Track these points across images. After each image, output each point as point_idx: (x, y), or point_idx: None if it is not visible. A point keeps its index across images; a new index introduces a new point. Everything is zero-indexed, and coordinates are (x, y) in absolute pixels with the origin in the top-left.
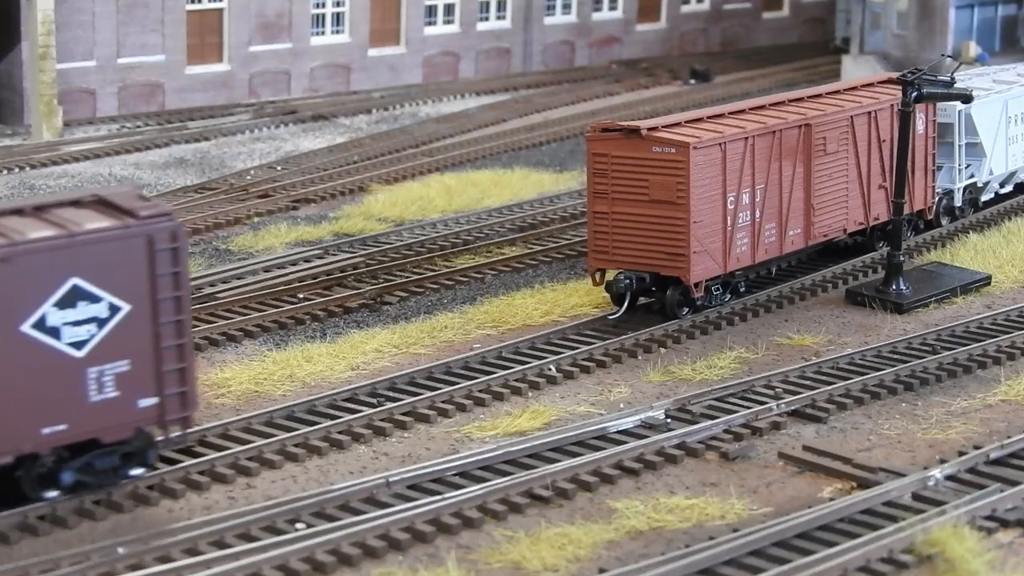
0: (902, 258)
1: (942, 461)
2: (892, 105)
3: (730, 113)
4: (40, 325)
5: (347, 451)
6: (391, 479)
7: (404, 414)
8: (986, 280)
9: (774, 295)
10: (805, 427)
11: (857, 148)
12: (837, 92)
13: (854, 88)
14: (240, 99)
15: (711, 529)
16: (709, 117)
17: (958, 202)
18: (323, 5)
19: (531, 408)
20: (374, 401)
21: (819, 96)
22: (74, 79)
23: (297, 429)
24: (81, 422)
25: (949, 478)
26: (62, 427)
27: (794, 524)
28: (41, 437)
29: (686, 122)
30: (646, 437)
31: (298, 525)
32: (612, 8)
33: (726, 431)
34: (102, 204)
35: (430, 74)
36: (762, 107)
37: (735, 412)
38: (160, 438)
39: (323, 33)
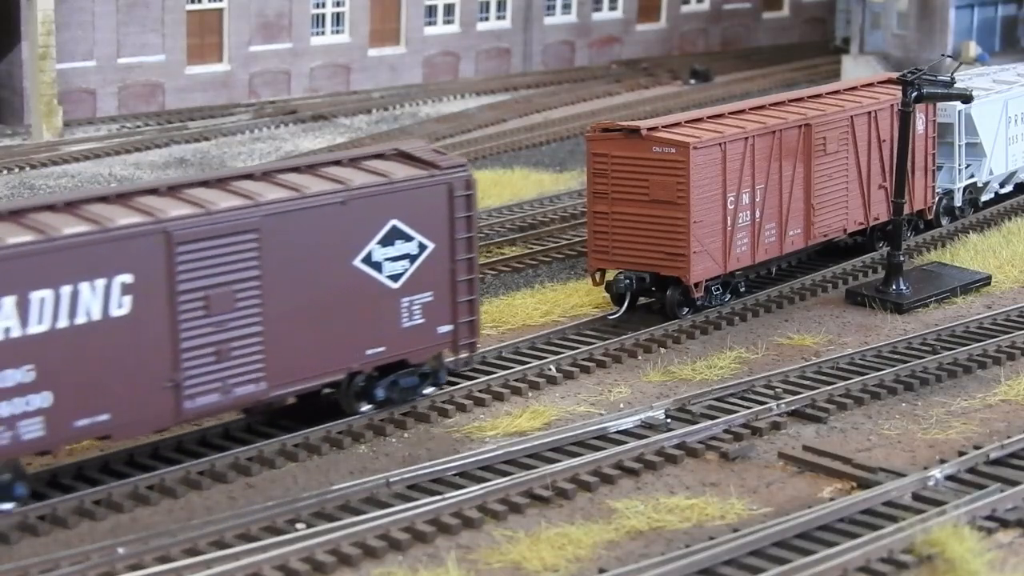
0: (902, 258)
1: (942, 461)
2: (892, 105)
3: (730, 113)
4: (367, 260)
5: (347, 451)
6: (391, 479)
7: (404, 414)
8: (986, 280)
9: (774, 295)
10: (805, 427)
11: (857, 148)
12: (837, 92)
13: (854, 88)
14: (240, 99)
15: (711, 529)
16: (709, 117)
17: (958, 202)
18: (323, 5)
19: (531, 408)
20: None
21: (819, 96)
22: (74, 79)
23: (297, 429)
24: (395, 345)
25: (949, 478)
26: (381, 349)
27: (794, 524)
28: (365, 357)
29: (686, 122)
30: (646, 437)
31: (298, 525)
32: (612, 8)
33: (726, 431)
34: (403, 156)
35: (430, 74)
36: (762, 107)
37: (735, 412)
38: (450, 360)
39: (323, 33)
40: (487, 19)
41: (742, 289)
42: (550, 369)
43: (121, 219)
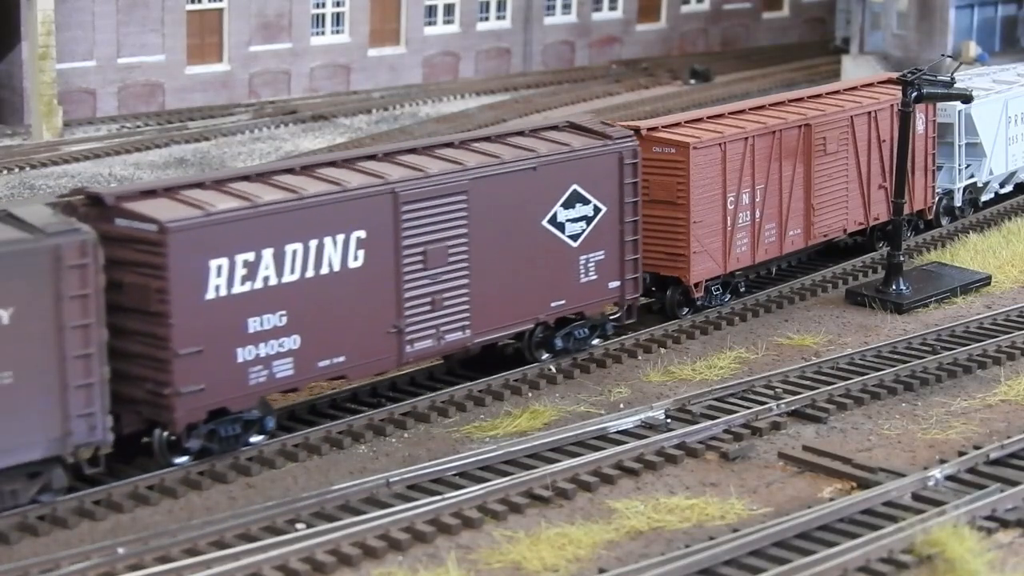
0: (902, 258)
1: (942, 461)
2: (892, 105)
3: (730, 113)
4: (552, 220)
5: (347, 451)
6: (391, 479)
7: (404, 414)
8: (986, 280)
9: (774, 295)
10: (805, 427)
11: (857, 148)
12: (837, 92)
13: (854, 88)
14: (240, 99)
15: (711, 529)
16: (709, 117)
17: (958, 202)
18: (323, 5)
19: (531, 408)
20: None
21: (819, 96)
22: (74, 79)
23: (297, 429)
24: (574, 298)
25: (949, 478)
26: (563, 302)
27: (794, 524)
28: (550, 309)
29: (686, 122)
30: (646, 437)
31: (298, 525)
32: (612, 8)
33: (726, 431)
34: (575, 127)
35: (430, 74)
36: (762, 107)
37: (735, 412)
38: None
39: (323, 33)
40: (487, 19)
41: (742, 289)
42: (550, 369)
43: (355, 181)
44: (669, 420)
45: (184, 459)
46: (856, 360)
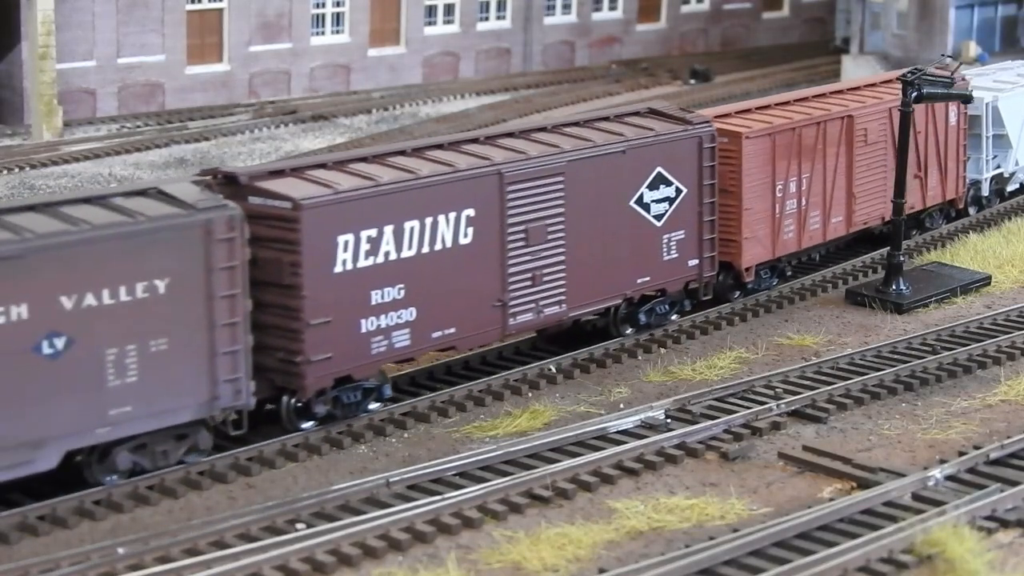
0: (902, 258)
1: (942, 461)
2: None
3: (776, 104)
4: (639, 201)
5: (347, 451)
6: (391, 479)
7: (404, 414)
8: (986, 280)
9: (774, 295)
10: (805, 427)
11: (894, 139)
12: (875, 85)
13: (889, 81)
14: (240, 99)
15: (711, 529)
16: (757, 108)
17: (985, 192)
18: (323, 5)
19: (531, 408)
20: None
21: (858, 89)
22: (74, 79)
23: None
24: (658, 275)
25: (949, 478)
26: (647, 278)
27: (794, 524)
28: (636, 285)
29: (736, 113)
30: (646, 437)
31: (298, 525)
32: (612, 8)
33: (726, 431)
34: (655, 113)
35: (430, 74)
36: (805, 99)
37: (735, 412)
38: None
39: (323, 33)
40: (487, 19)
41: (788, 273)
42: (550, 369)
43: (463, 163)
44: (669, 420)
45: (310, 424)
46: (856, 360)
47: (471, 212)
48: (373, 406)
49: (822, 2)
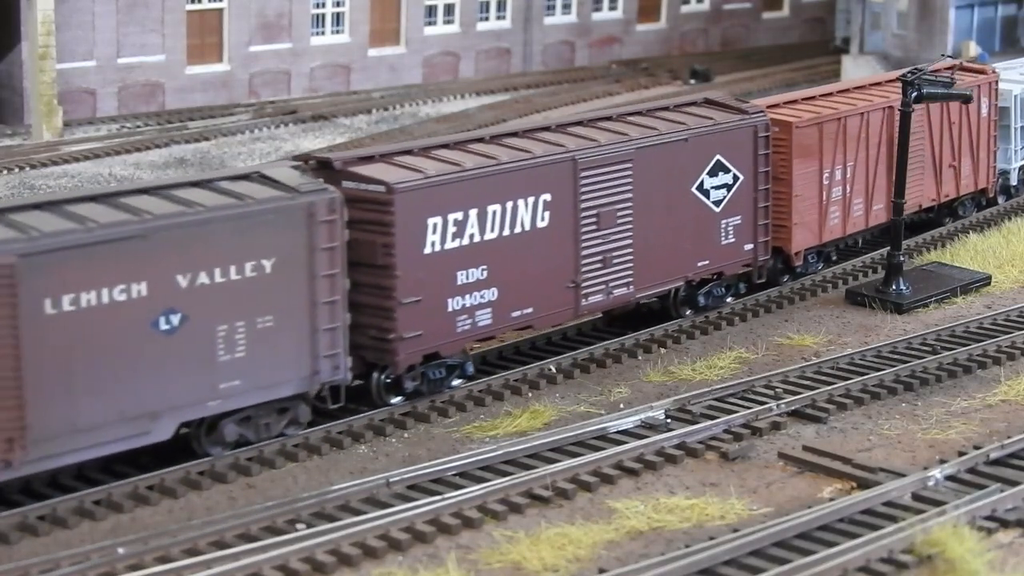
0: (902, 258)
1: (942, 461)
2: None
3: (820, 95)
4: (700, 187)
5: (347, 451)
6: (391, 479)
7: (404, 414)
8: (986, 280)
9: (774, 295)
10: (805, 427)
11: (931, 130)
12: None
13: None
14: (240, 99)
15: (711, 529)
16: (803, 99)
17: (1013, 181)
18: (323, 5)
19: (531, 408)
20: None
21: (896, 81)
22: (74, 79)
23: (297, 429)
24: (717, 259)
25: (949, 478)
26: (707, 262)
27: (794, 524)
28: (696, 268)
29: (784, 103)
30: (646, 437)
31: (298, 525)
32: (612, 8)
33: (726, 431)
34: (711, 103)
35: (430, 74)
36: (847, 90)
37: (735, 412)
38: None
39: (323, 33)
40: (487, 19)
41: (834, 258)
42: (550, 369)
43: (538, 150)
44: (669, 420)
45: (398, 399)
46: (856, 360)
47: (548, 197)
48: (456, 382)
49: (822, 2)
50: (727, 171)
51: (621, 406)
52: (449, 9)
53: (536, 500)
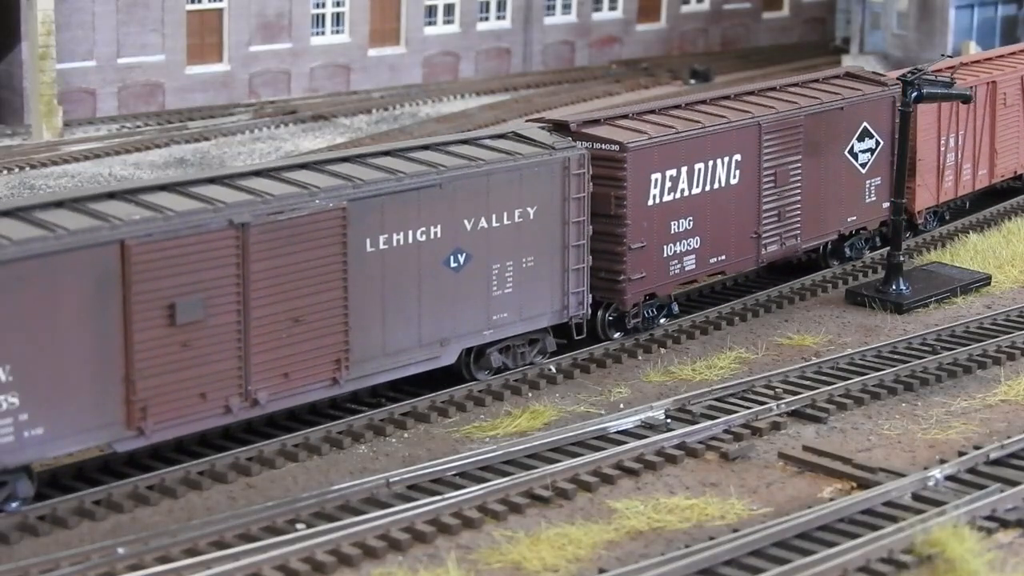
0: (902, 258)
1: (942, 461)
2: None
3: (935, 71)
4: (851, 151)
5: (347, 451)
6: (391, 479)
7: (404, 414)
8: (986, 280)
9: (774, 295)
10: (805, 427)
11: None
12: (1003, 56)
13: (1014, 53)
14: (240, 99)
15: (711, 529)
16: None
17: None
18: (323, 5)
19: (531, 408)
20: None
21: (991, 59)
22: (74, 79)
23: (298, 429)
24: (862, 215)
25: (949, 478)
26: (855, 218)
27: (794, 524)
28: (847, 223)
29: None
30: (646, 437)
31: (298, 525)
32: (612, 8)
33: (726, 431)
34: (853, 76)
35: (430, 74)
36: (954, 67)
37: (735, 412)
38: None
39: (323, 33)
40: (487, 19)
41: (947, 217)
42: (550, 369)
43: (729, 115)
44: (669, 420)
45: (619, 335)
46: (856, 360)
47: (739, 157)
48: (663, 321)
49: (822, 2)
50: (871, 136)
51: (621, 406)
52: (449, 9)
53: (536, 500)
